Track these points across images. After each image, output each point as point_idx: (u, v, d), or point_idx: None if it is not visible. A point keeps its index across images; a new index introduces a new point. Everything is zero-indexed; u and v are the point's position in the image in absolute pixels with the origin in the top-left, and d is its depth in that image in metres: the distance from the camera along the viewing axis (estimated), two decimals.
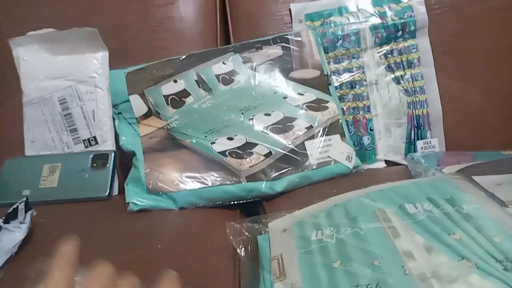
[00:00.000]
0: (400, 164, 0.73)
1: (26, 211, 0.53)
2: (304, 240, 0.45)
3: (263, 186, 0.63)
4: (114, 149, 0.71)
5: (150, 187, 0.63)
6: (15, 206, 0.54)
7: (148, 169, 0.64)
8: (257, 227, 0.50)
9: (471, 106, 0.77)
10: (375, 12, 0.75)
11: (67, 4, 0.77)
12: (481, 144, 0.76)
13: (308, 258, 0.42)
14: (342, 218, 0.46)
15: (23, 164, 0.71)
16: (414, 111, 0.74)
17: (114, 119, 0.70)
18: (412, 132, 0.74)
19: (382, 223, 0.43)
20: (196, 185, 0.62)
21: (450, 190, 0.47)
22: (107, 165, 0.69)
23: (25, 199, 0.54)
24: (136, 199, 0.62)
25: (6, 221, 0.52)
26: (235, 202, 0.64)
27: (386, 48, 0.75)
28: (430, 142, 0.74)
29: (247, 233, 0.50)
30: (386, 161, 0.75)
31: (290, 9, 0.76)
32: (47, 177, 0.69)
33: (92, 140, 0.71)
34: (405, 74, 0.75)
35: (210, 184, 0.62)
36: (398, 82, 0.75)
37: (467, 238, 0.39)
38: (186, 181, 0.62)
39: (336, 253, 0.41)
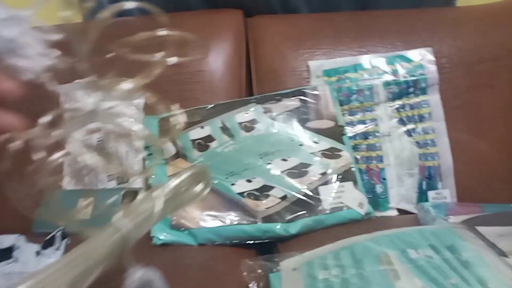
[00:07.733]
0: (412, 213, 0.76)
1: (62, 239, 0.59)
2: (311, 278, 0.49)
3: (277, 228, 0.67)
4: (143, 187, 0.78)
5: (173, 223, 0.68)
6: (53, 233, 0.60)
7: None
8: (270, 265, 0.54)
9: (482, 159, 0.80)
10: (388, 70, 0.81)
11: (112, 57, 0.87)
12: (492, 195, 0.78)
13: None
14: (348, 260, 0.49)
15: (60, 197, 0.78)
16: (425, 162, 0.78)
17: (145, 160, 0.78)
18: (424, 182, 0.78)
19: (384, 266, 0.46)
20: (215, 223, 0.67)
21: (451, 238, 0.50)
22: None
23: (62, 227, 0.60)
24: (160, 233, 0.67)
25: (44, 247, 0.59)
26: (251, 242, 0.68)
27: (398, 102, 0.80)
28: (441, 193, 0.77)
29: (260, 270, 0.54)
30: (399, 210, 0.78)
31: (308, 66, 0.83)
32: (81, 210, 0.75)
33: (124, 178, 0.78)
34: (417, 127, 0.79)
35: (228, 223, 0.67)
36: (409, 135, 0.79)
37: (462, 283, 0.42)
38: (206, 219, 0.67)
39: None
